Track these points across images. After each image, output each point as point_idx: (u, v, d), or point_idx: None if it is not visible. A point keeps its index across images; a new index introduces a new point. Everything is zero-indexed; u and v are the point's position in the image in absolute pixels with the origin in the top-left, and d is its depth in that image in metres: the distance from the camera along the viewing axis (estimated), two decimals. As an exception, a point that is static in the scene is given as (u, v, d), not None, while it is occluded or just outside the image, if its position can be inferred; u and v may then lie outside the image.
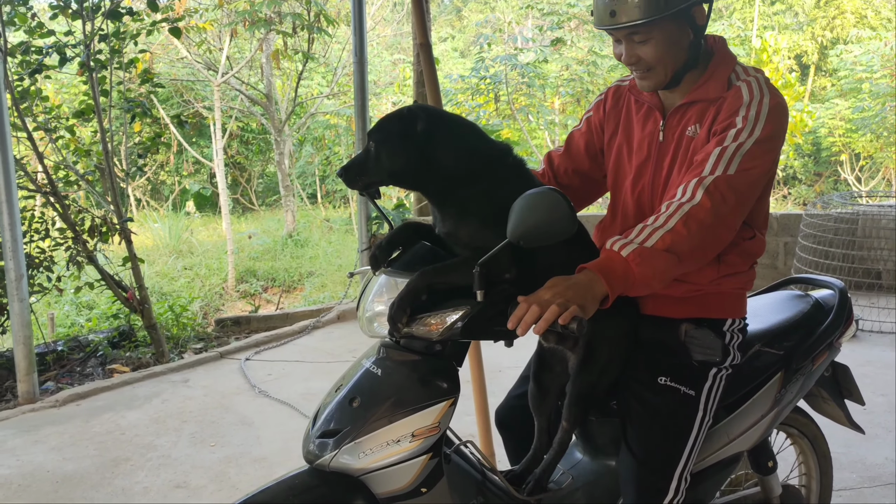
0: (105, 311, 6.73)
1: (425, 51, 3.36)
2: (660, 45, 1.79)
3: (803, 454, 2.52)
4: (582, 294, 1.58)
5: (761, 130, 1.73)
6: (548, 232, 1.53)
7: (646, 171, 1.94)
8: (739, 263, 1.90)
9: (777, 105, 1.77)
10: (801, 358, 2.13)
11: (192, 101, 13.21)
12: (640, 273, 1.64)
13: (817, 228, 6.37)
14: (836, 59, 14.94)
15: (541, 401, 1.98)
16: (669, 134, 1.89)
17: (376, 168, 1.73)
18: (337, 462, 1.63)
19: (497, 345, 1.76)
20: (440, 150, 1.71)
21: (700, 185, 1.70)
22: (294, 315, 6.57)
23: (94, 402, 4.47)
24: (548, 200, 1.53)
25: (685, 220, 1.67)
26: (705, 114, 1.83)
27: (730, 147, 1.72)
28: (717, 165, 1.71)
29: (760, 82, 1.81)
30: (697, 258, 1.72)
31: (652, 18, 1.74)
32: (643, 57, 1.81)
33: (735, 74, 1.85)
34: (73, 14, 5.19)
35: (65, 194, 5.44)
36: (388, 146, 1.71)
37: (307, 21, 9.63)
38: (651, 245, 1.65)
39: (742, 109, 1.76)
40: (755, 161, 1.73)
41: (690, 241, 1.67)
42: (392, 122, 1.73)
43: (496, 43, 14.16)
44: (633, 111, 2.01)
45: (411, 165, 1.71)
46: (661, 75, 1.83)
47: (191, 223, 12.95)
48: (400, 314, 1.61)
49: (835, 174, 14.54)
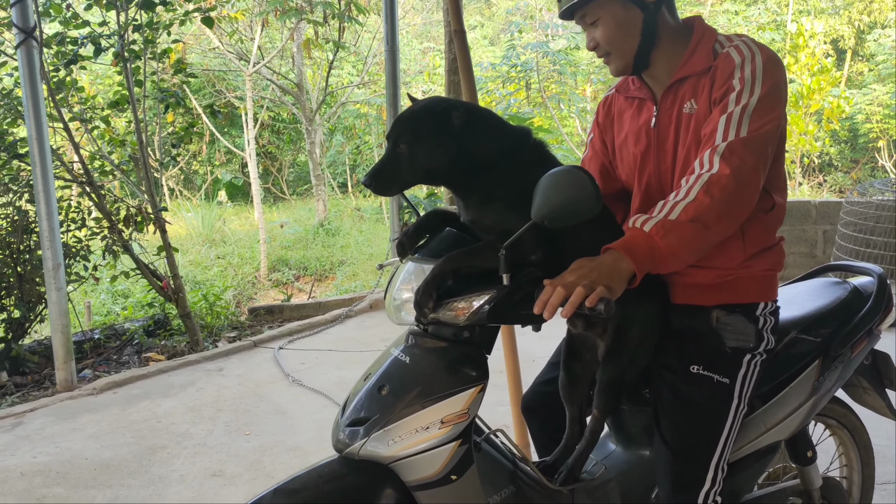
0: (140, 300, 6.81)
1: (459, 37, 3.32)
2: (608, 25, 1.84)
3: (843, 446, 2.47)
4: (608, 274, 1.56)
5: (761, 87, 1.72)
6: (573, 211, 1.50)
7: (648, 158, 1.93)
8: (764, 237, 1.87)
9: (769, 59, 1.76)
10: (840, 345, 2.09)
11: (223, 91, 13.28)
12: (665, 246, 1.61)
13: (858, 216, 6.23)
14: (873, 43, 14.62)
15: (571, 389, 1.97)
16: (665, 117, 1.89)
17: (412, 169, 1.69)
18: (366, 450, 1.63)
19: (529, 335, 1.74)
20: (474, 141, 1.69)
21: (715, 153, 1.69)
22: (326, 304, 6.59)
23: (130, 389, 4.54)
24: (572, 179, 1.50)
25: (706, 188, 1.65)
26: (699, 87, 1.82)
27: (735, 111, 1.71)
28: (728, 131, 1.70)
29: (747, 42, 1.80)
30: (725, 224, 1.69)
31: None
32: (598, 39, 1.86)
33: (719, 44, 1.85)
34: (108, 4, 5.23)
35: (100, 184, 5.50)
36: (424, 144, 1.67)
37: (338, 10, 9.63)
38: (675, 217, 1.63)
39: (737, 71, 1.76)
40: (763, 118, 1.71)
41: (716, 208, 1.64)
42: (424, 119, 1.68)
43: (527, 30, 14.05)
44: (624, 110, 2.02)
45: (448, 159, 1.68)
46: (620, 58, 1.88)
47: (223, 212, 13.04)
48: (426, 299, 1.60)
49: (872, 161, 14.23)
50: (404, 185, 1.72)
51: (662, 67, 1.89)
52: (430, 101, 1.73)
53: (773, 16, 15.02)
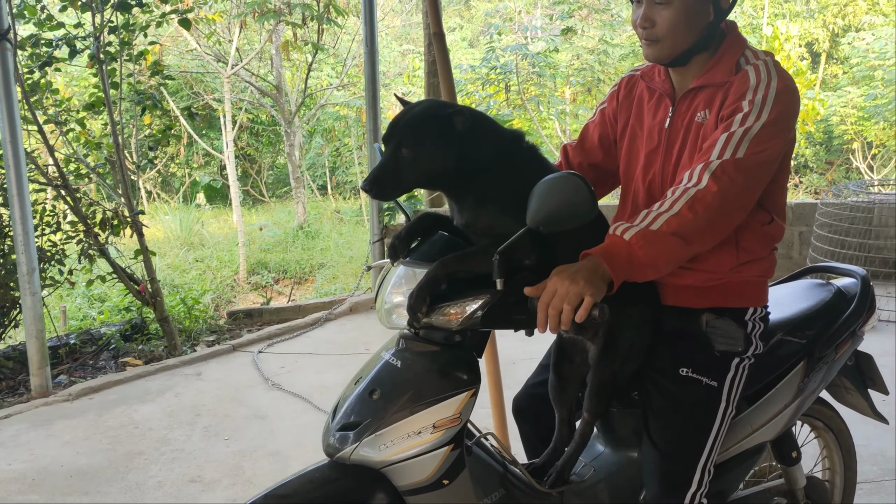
0: (117, 304, 6.74)
1: (439, 40, 3.32)
2: (679, 12, 1.75)
3: (827, 448, 2.49)
4: (588, 281, 1.55)
5: (769, 114, 1.70)
6: (568, 216, 1.50)
7: (656, 158, 1.91)
8: (759, 249, 1.87)
9: (785, 88, 1.73)
10: (824, 346, 2.10)
11: (201, 93, 13.19)
12: (644, 256, 1.61)
13: (833, 217, 6.30)
14: (847, 46, 14.80)
15: (561, 392, 1.96)
16: (679, 120, 1.87)
17: (413, 173, 1.66)
18: (357, 455, 1.61)
19: (510, 338, 1.74)
20: (474, 146, 1.68)
21: (706, 169, 1.67)
22: (306, 307, 6.55)
23: (106, 395, 4.47)
24: (568, 184, 1.50)
25: (691, 204, 1.64)
26: (714, 99, 1.80)
27: (737, 132, 1.69)
28: (725, 150, 1.68)
29: (769, 65, 1.77)
30: (707, 240, 1.69)
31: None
32: (658, 22, 1.77)
33: (744, 58, 1.81)
34: (83, 6, 5.17)
35: (76, 187, 5.44)
36: (428, 149, 1.65)
37: (317, 12, 9.59)
38: (656, 228, 1.63)
39: (749, 93, 1.73)
40: (764, 144, 1.69)
41: (697, 224, 1.64)
42: (427, 124, 1.66)
43: (506, 33, 14.08)
44: (644, 99, 1.98)
45: (450, 163, 1.67)
46: (668, 48, 1.80)
47: (201, 215, 12.95)
48: (419, 303, 1.59)
49: (847, 162, 14.41)
50: (404, 190, 1.70)
51: (693, 69, 1.86)
52: (430, 104, 1.72)
53: (749, 19, 15.16)
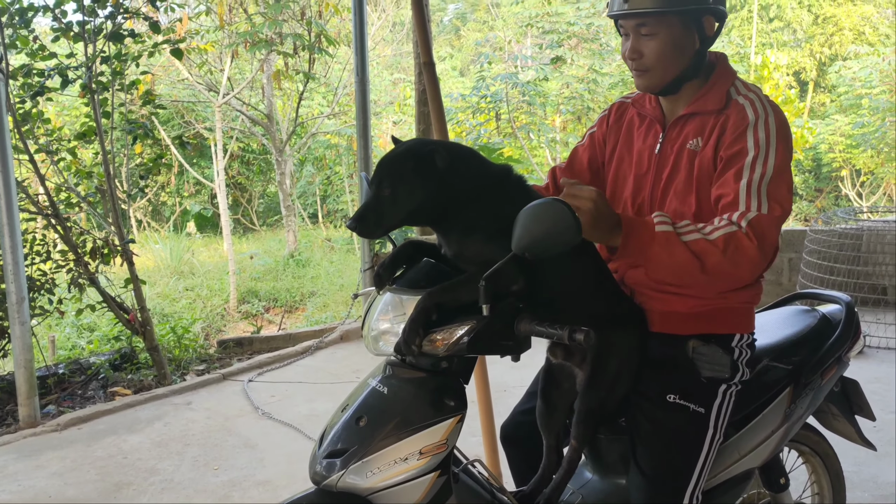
0: (107, 333, 6.70)
1: (429, 69, 3.36)
2: (665, 43, 1.80)
3: (815, 473, 2.49)
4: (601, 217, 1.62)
5: (775, 155, 1.75)
6: (553, 242, 1.51)
7: (645, 183, 1.94)
8: None
9: (782, 123, 1.79)
10: (810, 372, 2.11)
11: (193, 122, 13.23)
12: (656, 253, 1.65)
13: (822, 244, 6.34)
14: (834, 75, 15.00)
15: (549, 418, 1.96)
16: (669, 146, 1.90)
17: (396, 211, 1.68)
18: (344, 482, 1.61)
19: (502, 364, 1.74)
20: (457, 182, 1.69)
21: (743, 218, 1.69)
22: (297, 335, 6.52)
23: (95, 425, 4.44)
24: (552, 211, 1.51)
25: (727, 239, 1.66)
26: (705, 127, 1.83)
27: (753, 180, 1.73)
28: (750, 202, 1.71)
29: (763, 100, 1.82)
30: (724, 278, 1.73)
31: (663, 10, 1.77)
32: (646, 53, 1.83)
33: (735, 89, 1.86)
34: (75, 36, 5.20)
35: (66, 216, 5.43)
36: (408, 187, 1.67)
37: (308, 42, 9.67)
38: (686, 240, 1.65)
39: (749, 132, 1.76)
40: (780, 188, 1.74)
41: (723, 261, 1.66)
42: (407, 163, 1.68)
43: (496, 61, 14.20)
44: (634, 124, 2.01)
45: (431, 200, 1.68)
46: (658, 77, 1.85)
47: (192, 244, 12.93)
48: (413, 336, 1.60)
49: (836, 190, 14.54)
50: (389, 228, 1.71)
51: (684, 97, 1.90)
52: (412, 143, 1.73)
53: (737, 48, 15.35)
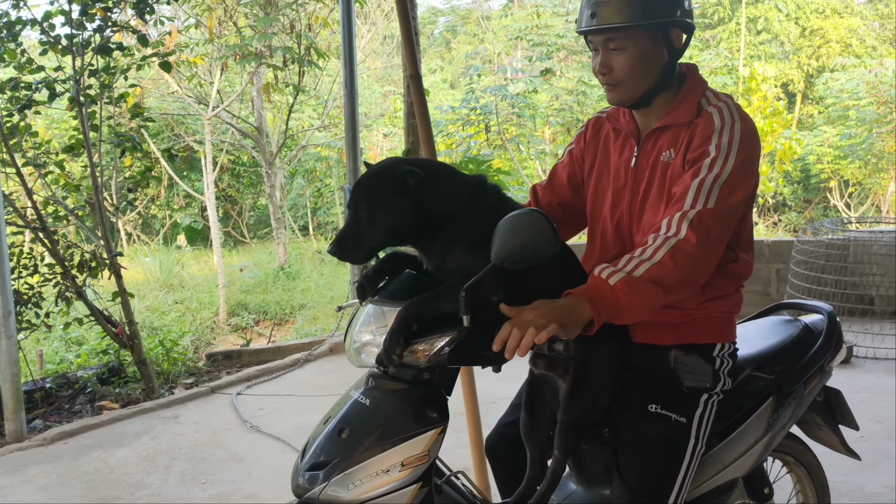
0: (94, 347, 6.66)
1: (415, 82, 3.37)
2: (633, 57, 1.82)
3: (800, 483, 2.49)
4: (564, 315, 1.58)
5: (735, 158, 1.76)
6: (532, 253, 1.53)
7: (623, 197, 1.96)
8: (725, 286, 1.91)
9: (748, 131, 1.80)
10: (793, 382, 2.12)
11: (182, 135, 13.23)
12: (627, 302, 1.64)
13: (809, 255, 6.37)
14: (822, 87, 15.12)
15: (532, 430, 1.96)
16: (644, 159, 1.91)
17: (375, 233, 1.70)
18: (326, 494, 1.61)
19: (490, 377, 1.74)
20: (431, 198, 1.71)
21: (684, 218, 1.71)
22: (286, 348, 6.51)
23: (82, 439, 4.41)
24: (530, 221, 1.53)
25: (672, 254, 1.68)
26: (678, 139, 1.85)
27: (707, 179, 1.74)
28: (698, 199, 1.73)
29: (731, 108, 1.83)
30: (685, 289, 1.74)
31: (629, 24, 1.78)
32: (615, 67, 1.84)
33: (706, 99, 1.88)
34: (63, 49, 5.20)
35: (54, 229, 5.42)
36: (383, 208, 1.69)
37: (297, 54, 9.68)
38: (639, 275, 1.66)
39: (714, 136, 1.78)
40: (733, 190, 1.75)
41: (677, 274, 1.68)
42: (380, 184, 1.70)
43: (486, 74, 14.27)
44: (611, 139, 2.04)
45: (408, 218, 1.70)
46: (629, 91, 1.86)
47: (182, 257, 12.88)
48: (394, 346, 1.60)
49: (824, 201, 14.63)
50: (372, 250, 1.73)
51: (656, 110, 1.92)
52: (385, 164, 1.75)
53: (725, 60, 15.45)
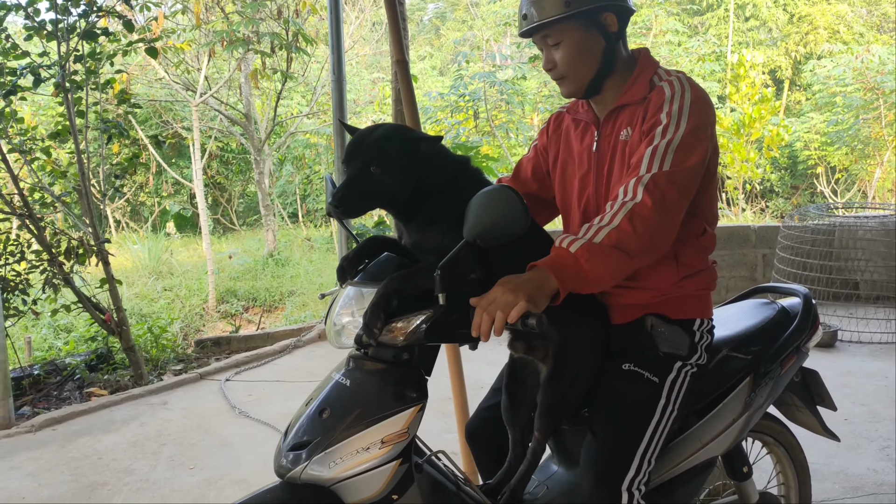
0: (83, 334, 6.65)
1: (402, 67, 3.37)
2: (570, 49, 1.89)
3: (780, 463, 2.53)
4: (532, 290, 1.60)
5: (686, 123, 1.79)
6: (503, 229, 1.55)
7: (588, 181, 2.00)
8: (697, 262, 1.95)
9: (698, 98, 1.83)
10: (769, 362, 2.16)
11: (170, 122, 13.16)
12: (590, 269, 1.66)
13: (795, 240, 6.43)
14: (809, 73, 15.16)
15: (513, 413, 1.99)
16: (605, 142, 1.96)
17: (380, 191, 1.70)
18: (308, 473, 1.63)
19: (478, 361, 1.76)
20: (434, 167, 1.74)
21: (639, 183, 1.74)
22: (275, 335, 6.52)
23: (70, 426, 4.43)
24: (502, 197, 1.55)
25: (629, 217, 1.70)
26: (634, 116, 1.90)
27: (660, 144, 1.77)
28: (652, 163, 1.76)
29: (682, 80, 1.88)
30: (648, 253, 1.75)
31: (555, 18, 1.84)
32: (557, 61, 1.91)
33: (657, 76, 1.93)
34: (48, 35, 5.17)
35: (41, 216, 5.40)
36: (396, 169, 1.70)
37: (285, 41, 9.63)
38: (599, 241, 1.68)
39: (665, 105, 1.83)
40: (686, 154, 1.78)
41: (637, 238, 1.69)
42: (396, 145, 1.71)
43: (474, 61, 14.25)
44: (571, 129, 2.09)
45: (411, 186, 1.72)
46: (576, 82, 1.93)
47: (171, 244, 12.84)
48: (374, 320, 1.62)
49: (811, 187, 14.70)
50: (369, 207, 1.74)
51: (609, 95, 1.96)
52: (395, 126, 1.78)
53: (714, 47, 15.47)
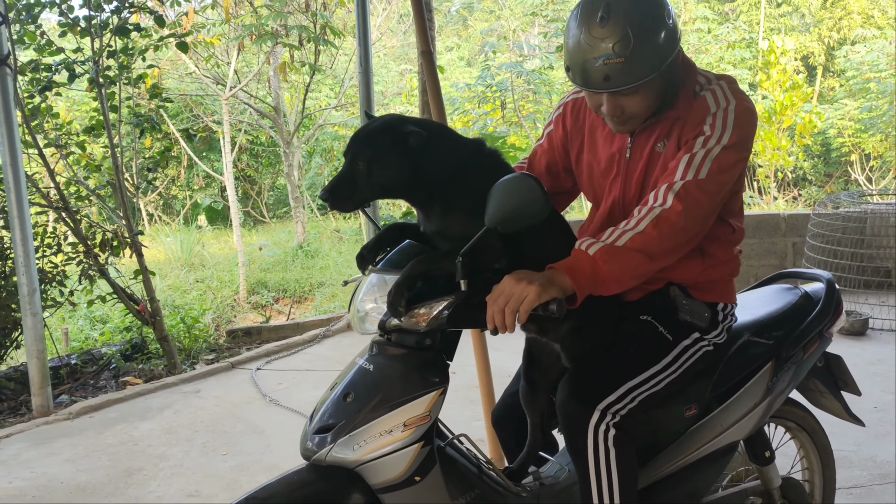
0: (118, 325, 6.79)
1: (427, 58, 3.39)
2: (649, 96, 1.79)
3: (804, 448, 2.52)
4: (542, 286, 1.61)
5: (730, 136, 1.75)
6: (523, 215, 1.58)
7: (616, 186, 1.95)
8: (722, 253, 1.95)
9: (744, 110, 1.78)
10: (791, 347, 2.16)
11: (201, 116, 13.32)
12: (608, 270, 1.66)
13: (826, 228, 6.34)
14: (842, 59, 14.90)
15: (532, 397, 2.02)
16: (637, 151, 1.90)
17: (368, 184, 1.73)
18: (332, 456, 1.68)
19: (505, 350, 1.78)
20: (430, 158, 1.74)
21: (670, 189, 1.72)
22: (305, 325, 6.60)
23: (106, 413, 4.53)
24: (522, 184, 1.58)
25: (656, 223, 1.69)
26: (673, 127, 1.84)
27: (699, 153, 1.74)
28: (688, 171, 1.73)
29: (725, 90, 1.82)
30: (670, 256, 1.75)
31: (651, 77, 1.74)
32: (628, 108, 1.80)
33: (698, 84, 1.85)
34: (82, 31, 5.28)
35: (76, 209, 5.52)
36: (381, 161, 1.72)
37: (313, 34, 9.71)
38: (621, 245, 1.68)
39: (709, 118, 1.78)
40: (724, 166, 1.74)
41: (661, 243, 1.69)
42: (381, 138, 1.73)
43: (501, 51, 14.22)
44: (598, 129, 2.00)
45: (405, 177, 1.74)
46: (640, 121, 1.84)
47: (202, 237, 13.02)
48: (398, 298, 1.65)
49: (845, 175, 14.46)
50: (361, 201, 1.77)
51: None
52: (386, 119, 1.78)
53: (744, 34, 15.27)
